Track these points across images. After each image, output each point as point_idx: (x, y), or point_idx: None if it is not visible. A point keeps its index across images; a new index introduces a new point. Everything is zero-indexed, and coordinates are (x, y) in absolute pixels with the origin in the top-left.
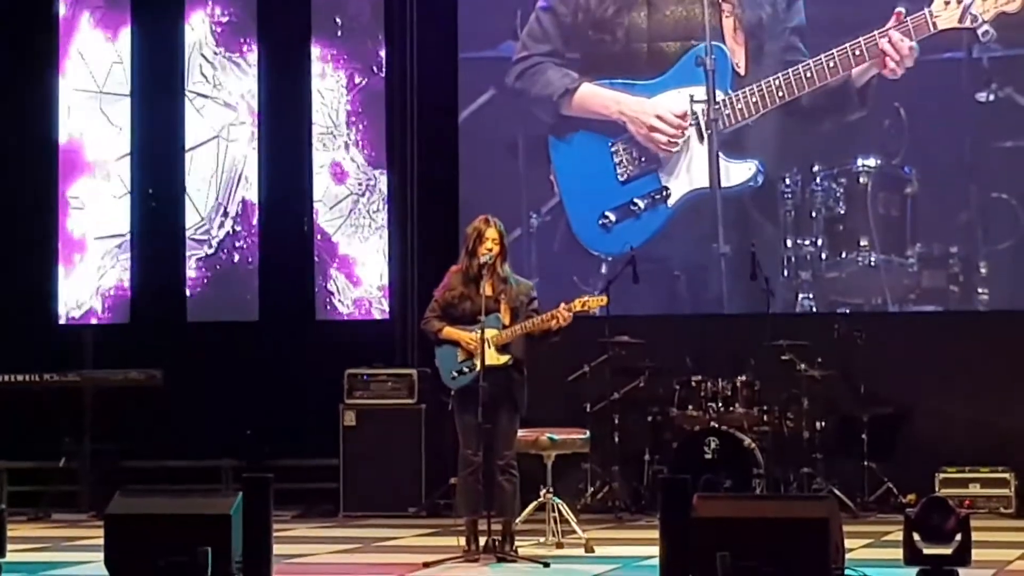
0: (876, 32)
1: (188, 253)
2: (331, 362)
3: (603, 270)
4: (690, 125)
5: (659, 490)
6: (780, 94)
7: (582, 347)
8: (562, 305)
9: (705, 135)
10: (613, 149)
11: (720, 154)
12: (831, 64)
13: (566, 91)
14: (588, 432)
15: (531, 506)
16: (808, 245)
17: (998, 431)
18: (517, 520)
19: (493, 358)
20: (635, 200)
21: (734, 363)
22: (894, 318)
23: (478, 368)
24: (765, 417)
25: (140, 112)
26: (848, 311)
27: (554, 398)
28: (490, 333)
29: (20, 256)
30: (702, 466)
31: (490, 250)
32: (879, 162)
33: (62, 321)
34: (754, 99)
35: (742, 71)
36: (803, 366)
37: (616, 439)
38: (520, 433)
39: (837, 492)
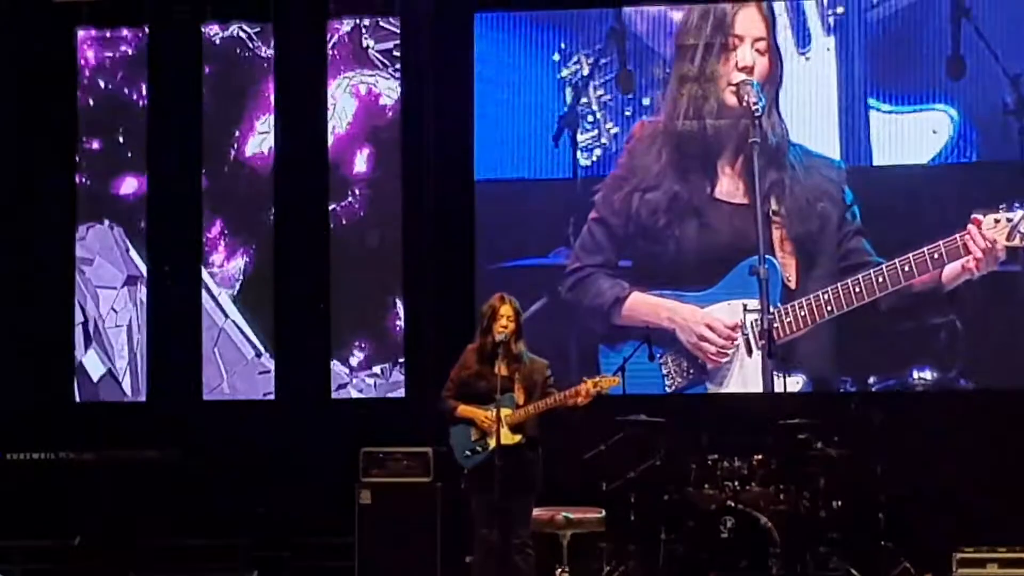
0: (926, 248)
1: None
2: (346, 440)
3: None
4: (741, 335)
5: (676, 569)
6: (829, 308)
7: (598, 425)
8: (581, 385)
9: (756, 347)
10: (661, 360)
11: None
12: (880, 280)
13: (616, 300)
14: (604, 511)
15: None
16: None
17: (1017, 511)
18: None
19: (507, 437)
20: None
21: (750, 442)
22: (910, 397)
23: (491, 447)
24: (782, 496)
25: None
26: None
27: (570, 477)
28: (504, 412)
29: (37, 333)
30: (718, 545)
31: (505, 328)
32: (935, 375)
33: (78, 399)
34: (802, 313)
35: (792, 284)
36: (819, 445)
37: (632, 518)
38: (535, 512)
39: (854, 572)
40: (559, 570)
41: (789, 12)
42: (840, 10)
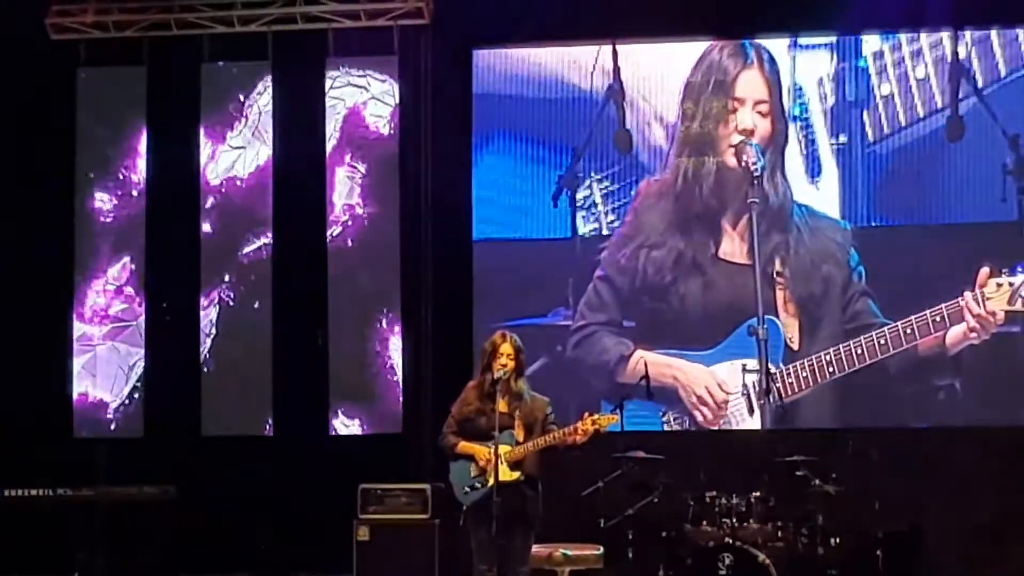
0: (928, 312)
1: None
2: (344, 477)
3: None
4: (742, 395)
5: None
6: (831, 369)
7: (596, 462)
8: (580, 423)
9: (756, 407)
10: (664, 419)
11: (770, 429)
12: (882, 341)
13: (621, 358)
14: (602, 548)
15: None
16: None
17: (1014, 547)
18: None
19: (505, 474)
20: None
21: (748, 479)
22: (908, 433)
23: (490, 484)
24: (779, 533)
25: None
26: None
27: (568, 513)
28: (503, 449)
29: (34, 370)
30: None
31: (504, 366)
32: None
33: (76, 435)
34: (804, 374)
35: (795, 345)
36: (817, 482)
37: (630, 555)
38: (534, 548)
39: None
40: None
41: (800, 141)
42: (843, 139)
